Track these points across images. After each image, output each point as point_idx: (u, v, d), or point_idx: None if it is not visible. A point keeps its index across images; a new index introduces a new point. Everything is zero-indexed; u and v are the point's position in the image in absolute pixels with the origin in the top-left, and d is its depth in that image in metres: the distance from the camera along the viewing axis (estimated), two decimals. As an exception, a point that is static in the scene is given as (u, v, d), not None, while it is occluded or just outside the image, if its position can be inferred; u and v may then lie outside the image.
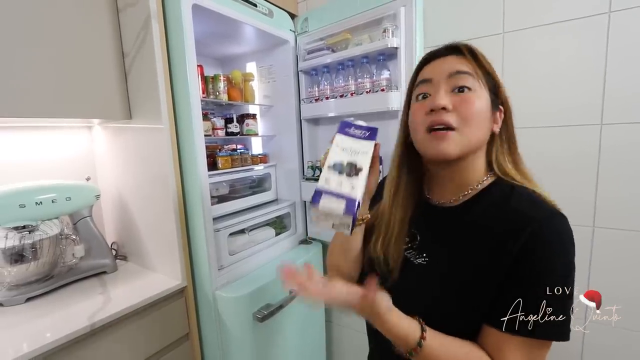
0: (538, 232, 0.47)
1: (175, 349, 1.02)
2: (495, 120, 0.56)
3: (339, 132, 0.54)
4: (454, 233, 0.55)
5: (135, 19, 0.95)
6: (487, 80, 0.55)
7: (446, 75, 0.54)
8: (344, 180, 0.48)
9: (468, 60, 0.54)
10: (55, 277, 1.00)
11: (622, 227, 0.91)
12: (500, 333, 0.48)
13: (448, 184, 0.59)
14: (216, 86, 1.24)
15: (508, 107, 0.57)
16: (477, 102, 0.52)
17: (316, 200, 0.47)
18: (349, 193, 0.47)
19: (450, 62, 0.55)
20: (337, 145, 0.52)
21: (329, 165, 0.49)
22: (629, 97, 0.87)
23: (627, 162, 0.89)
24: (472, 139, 0.53)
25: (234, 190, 1.32)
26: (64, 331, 0.77)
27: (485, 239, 0.50)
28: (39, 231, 0.96)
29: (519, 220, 0.48)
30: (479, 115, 0.53)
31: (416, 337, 0.48)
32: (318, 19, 1.27)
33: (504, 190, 0.53)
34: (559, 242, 0.47)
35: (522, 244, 0.47)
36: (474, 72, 0.53)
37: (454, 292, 0.52)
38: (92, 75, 0.96)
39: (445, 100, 0.52)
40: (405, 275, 0.58)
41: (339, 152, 0.51)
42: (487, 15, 1.02)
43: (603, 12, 0.87)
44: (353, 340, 1.50)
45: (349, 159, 0.50)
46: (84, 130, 1.22)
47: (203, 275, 1.04)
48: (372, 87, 1.14)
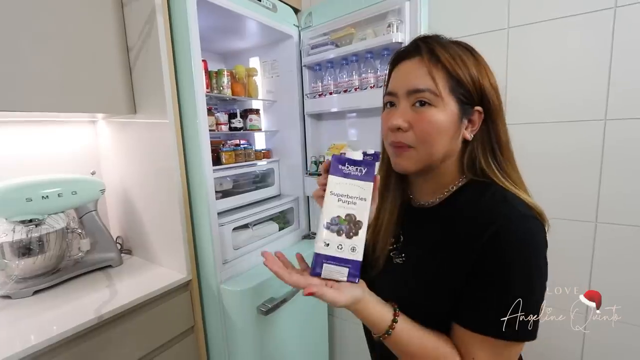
0: (505, 229, 0.46)
1: (180, 341, 1.03)
2: (469, 126, 0.53)
3: (331, 173, 0.48)
4: (427, 232, 0.56)
5: (140, 13, 0.95)
6: (454, 87, 0.50)
7: (405, 92, 0.52)
8: (344, 242, 0.47)
9: (429, 67, 0.50)
10: (62, 271, 1.01)
11: (625, 223, 0.91)
12: (466, 331, 0.48)
13: (424, 187, 0.59)
14: (220, 81, 1.24)
15: (492, 108, 0.52)
16: (435, 118, 0.50)
17: (317, 271, 0.47)
18: (350, 257, 0.46)
19: (411, 72, 0.52)
20: (332, 192, 0.48)
21: (326, 223, 0.47)
22: (634, 92, 0.87)
23: (631, 158, 0.89)
24: (431, 156, 0.52)
25: (237, 185, 1.33)
26: (72, 324, 0.78)
27: (455, 237, 0.51)
28: (46, 225, 0.96)
29: (487, 218, 0.48)
30: (437, 132, 0.51)
31: (387, 322, 0.50)
32: (322, 13, 1.26)
33: (478, 190, 0.52)
34: (525, 242, 0.46)
35: (486, 241, 0.46)
36: (433, 85, 0.49)
37: (422, 286, 0.53)
38: (97, 70, 0.96)
39: (399, 120, 0.52)
40: (386, 274, 0.60)
41: (335, 205, 0.47)
42: (492, 11, 1.02)
43: (609, 7, 0.87)
44: (355, 333, 1.51)
45: (346, 212, 0.47)
46: (88, 124, 1.22)
47: (208, 269, 1.05)
48: (376, 82, 1.14)
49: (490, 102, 0.52)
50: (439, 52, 0.51)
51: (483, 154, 0.54)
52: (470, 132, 0.53)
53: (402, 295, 0.54)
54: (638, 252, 0.91)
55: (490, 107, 0.53)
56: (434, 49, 0.52)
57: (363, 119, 1.30)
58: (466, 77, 0.51)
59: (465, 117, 0.52)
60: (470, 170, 0.55)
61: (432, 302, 0.52)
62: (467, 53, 0.53)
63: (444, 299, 0.51)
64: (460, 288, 0.49)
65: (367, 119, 1.28)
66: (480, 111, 0.53)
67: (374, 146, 1.30)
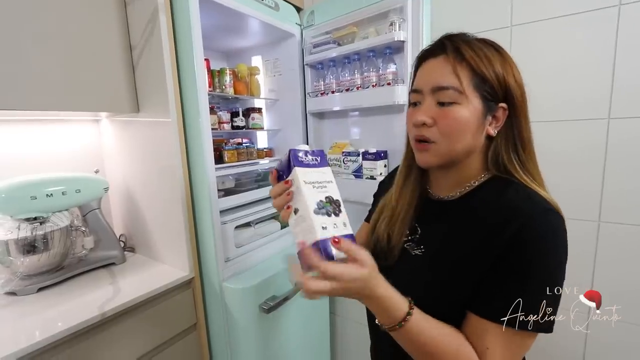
0: (529, 225, 0.47)
1: (183, 338, 1.04)
2: (494, 122, 0.54)
3: (296, 165, 0.52)
4: (448, 225, 0.57)
5: (143, 12, 0.95)
6: (478, 84, 0.52)
7: (430, 89, 0.54)
8: (336, 221, 0.50)
9: (453, 65, 0.52)
10: (66, 268, 1.02)
11: (627, 222, 0.91)
12: (482, 320, 0.48)
13: (445, 181, 0.60)
14: (222, 80, 1.25)
15: (516, 105, 0.53)
16: (459, 115, 0.51)
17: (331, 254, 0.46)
18: (346, 232, 0.49)
19: (436, 70, 0.53)
20: (305, 182, 0.51)
21: (314, 210, 0.49)
22: (638, 91, 0.86)
23: (634, 157, 0.88)
24: (454, 150, 0.54)
25: (239, 183, 1.33)
26: (76, 320, 0.78)
27: (477, 230, 0.51)
28: (50, 223, 0.97)
29: (512, 213, 0.48)
30: (460, 128, 0.52)
31: (403, 312, 0.48)
32: (324, 12, 1.26)
33: (500, 185, 0.53)
34: (550, 238, 0.47)
35: (512, 235, 0.47)
36: (458, 83, 0.51)
37: (442, 277, 0.53)
38: (100, 69, 0.97)
39: (424, 116, 0.54)
40: (402, 265, 0.60)
41: (312, 191, 0.51)
42: (495, 9, 1.01)
43: (614, 4, 0.86)
44: (356, 332, 1.52)
45: (324, 194, 0.51)
46: (91, 123, 1.23)
47: (210, 267, 1.06)
48: (379, 80, 1.14)
49: (514, 99, 0.53)
50: (464, 49, 0.52)
51: (506, 149, 0.54)
52: (494, 128, 0.54)
53: (419, 287, 0.55)
54: None
55: (514, 104, 0.53)
56: (459, 47, 0.52)
57: (365, 118, 1.30)
58: (490, 74, 0.52)
59: (489, 114, 0.53)
60: (494, 166, 0.55)
61: (449, 294, 0.52)
62: (492, 50, 0.54)
63: (461, 291, 0.51)
64: (479, 280, 0.49)
65: (369, 117, 1.28)
66: (504, 108, 0.53)
67: (376, 144, 1.30)
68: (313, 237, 0.47)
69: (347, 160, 1.26)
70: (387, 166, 1.21)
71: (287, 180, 0.53)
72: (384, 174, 1.18)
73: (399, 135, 1.12)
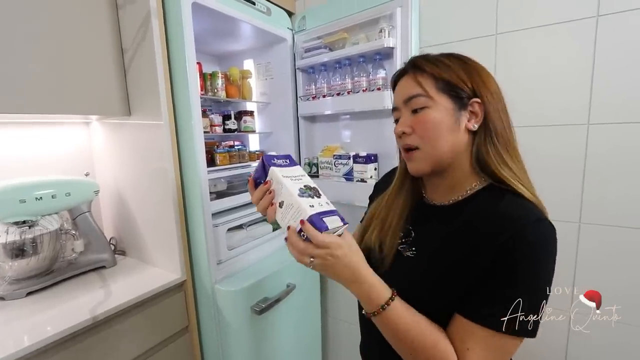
0: (521, 233, 0.48)
1: (174, 341, 1.04)
2: (472, 118, 0.57)
3: (272, 166, 0.60)
4: (441, 230, 0.58)
5: (135, 16, 0.95)
6: (443, 87, 0.56)
7: (402, 102, 0.60)
8: (320, 201, 0.56)
9: (415, 77, 0.58)
10: (55, 272, 1.01)
11: (607, 223, 0.95)
12: (467, 321, 0.50)
13: (439, 188, 0.63)
14: (214, 83, 1.25)
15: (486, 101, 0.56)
16: (430, 116, 0.56)
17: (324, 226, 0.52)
18: (331, 207, 0.56)
19: (404, 86, 0.60)
20: (283, 176, 0.58)
21: (297, 194, 0.55)
22: (615, 98, 0.90)
23: (613, 160, 0.92)
24: (436, 151, 0.57)
25: (231, 186, 1.34)
26: (66, 324, 0.78)
27: (470, 237, 0.53)
28: (39, 226, 0.97)
29: (504, 222, 0.50)
30: (434, 128, 0.56)
31: (383, 300, 0.52)
32: (315, 17, 1.28)
33: (495, 194, 0.54)
34: (541, 246, 0.49)
35: (503, 243, 0.48)
36: (422, 90, 0.57)
37: (433, 279, 0.55)
38: (91, 71, 0.97)
39: (402, 126, 0.60)
40: (395, 267, 0.62)
41: (292, 182, 0.57)
42: (481, 17, 1.05)
43: (591, 15, 0.91)
44: (347, 331, 1.53)
45: (302, 184, 0.58)
46: (81, 125, 1.23)
47: (202, 270, 1.06)
48: (369, 85, 1.16)
49: (483, 96, 0.57)
50: (423, 64, 0.59)
51: (480, 142, 0.57)
52: (474, 123, 0.57)
53: (411, 287, 0.57)
54: (620, 251, 0.94)
55: (485, 101, 0.57)
56: (419, 64, 0.60)
57: (356, 122, 1.32)
58: (452, 76, 0.57)
59: (463, 109, 0.57)
60: (477, 163, 0.57)
61: (439, 294, 0.54)
62: (451, 59, 0.59)
63: (451, 292, 0.53)
64: (469, 284, 0.51)
65: (360, 121, 1.30)
66: (479, 102, 0.56)
67: (366, 148, 1.32)
68: (305, 216, 0.52)
69: (338, 164, 1.28)
70: (378, 169, 1.23)
71: (266, 181, 0.60)
72: (374, 177, 1.20)
73: (389, 139, 1.14)
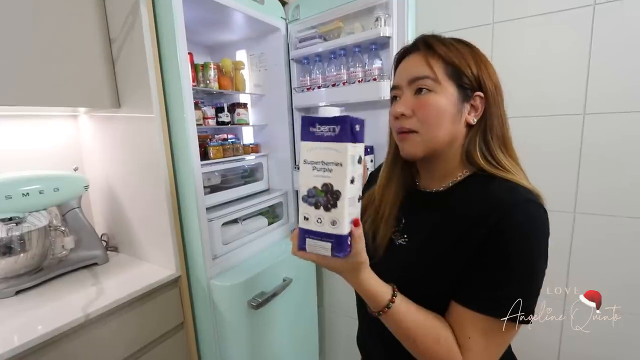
0: (509, 215, 0.48)
1: (170, 337, 1.03)
2: (472, 111, 0.56)
3: (302, 139, 0.43)
4: (432, 216, 0.58)
5: (123, 4, 0.92)
6: (452, 73, 0.54)
7: (407, 82, 0.56)
8: (323, 216, 0.42)
9: (426, 57, 0.55)
10: (45, 270, 0.98)
11: (601, 213, 0.96)
12: (465, 309, 0.50)
13: (431, 174, 0.61)
14: (206, 74, 1.22)
15: (489, 97, 0.55)
16: (435, 101, 0.54)
17: (302, 246, 0.44)
18: (331, 231, 0.42)
19: (411, 65, 0.57)
20: (305, 160, 0.43)
21: (303, 196, 0.43)
22: (611, 87, 0.90)
23: (608, 150, 0.93)
24: (435, 138, 0.55)
25: (225, 180, 1.32)
26: (57, 323, 0.76)
27: (460, 221, 0.52)
28: (27, 223, 0.94)
29: (493, 204, 0.50)
30: (437, 115, 0.54)
31: (387, 298, 0.51)
32: (309, 6, 1.25)
33: (484, 179, 0.54)
34: (530, 227, 0.48)
35: (492, 225, 0.48)
36: (431, 72, 0.54)
37: (426, 266, 0.55)
38: (78, 62, 0.93)
39: (402, 107, 0.56)
40: (388, 254, 0.62)
41: (310, 174, 0.43)
42: (478, 6, 1.03)
43: (588, 4, 0.90)
44: (343, 323, 1.54)
45: (322, 181, 0.42)
46: (69, 119, 1.19)
47: (197, 265, 1.04)
48: (364, 76, 1.15)
49: (487, 91, 0.55)
50: (436, 45, 0.55)
51: (473, 136, 0.56)
52: (473, 117, 0.56)
53: (404, 275, 0.56)
54: (614, 241, 0.95)
55: (487, 96, 0.55)
56: (432, 43, 0.56)
57: (352, 113, 1.30)
58: (462, 64, 0.54)
59: (465, 102, 0.55)
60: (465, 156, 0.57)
61: (433, 282, 0.54)
62: (462, 45, 0.57)
63: (444, 279, 0.52)
64: (462, 270, 0.50)
65: (356, 112, 1.28)
66: (481, 97, 0.55)
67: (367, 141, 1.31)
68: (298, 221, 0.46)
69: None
70: (374, 161, 1.22)
71: None
72: (370, 168, 1.19)
73: (385, 130, 1.13)
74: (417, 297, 0.53)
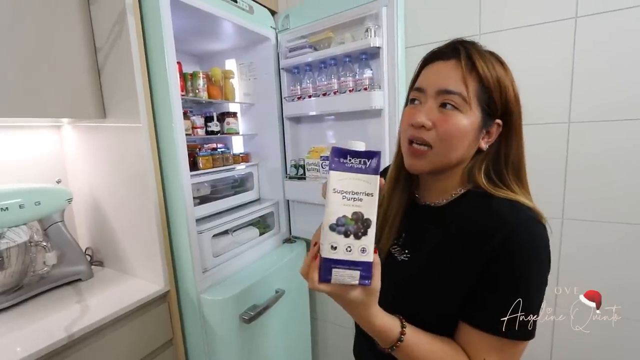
0: (513, 234, 0.48)
1: (159, 355, 0.99)
2: (487, 137, 0.54)
3: (333, 169, 0.44)
4: (434, 232, 0.57)
5: (109, 13, 0.90)
6: (481, 96, 0.51)
7: (435, 91, 0.52)
8: (353, 244, 0.43)
9: (464, 71, 0.51)
10: (25, 288, 0.93)
11: (588, 219, 0.98)
12: (476, 331, 0.49)
13: (434, 187, 0.60)
14: (195, 84, 1.21)
15: (512, 123, 0.54)
16: (459, 122, 0.51)
17: (327, 278, 0.43)
18: (361, 259, 0.43)
19: (446, 74, 0.52)
20: (335, 189, 0.43)
21: (332, 224, 0.42)
22: (595, 96, 0.93)
23: (593, 157, 0.95)
24: (447, 159, 0.53)
25: (215, 190, 1.30)
26: (39, 345, 0.72)
27: (463, 239, 0.52)
28: (6, 239, 0.89)
29: (496, 222, 0.49)
30: (459, 137, 0.52)
31: (397, 332, 0.48)
32: (299, 16, 1.26)
33: (484, 195, 0.53)
34: (533, 246, 0.48)
35: (497, 245, 0.48)
36: (464, 91, 0.50)
37: (431, 285, 0.54)
38: (61, 71, 0.90)
39: (424, 118, 0.52)
40: (388, 270, 0.59)
41: (339, 203, 0.43)
42: (465, 17, 1.06)
43: (570, 17, 0.93)
44: (337, 333, 1.52)
45: (353, 210, 0.43)
46: (52, 129, 1.15)
47: (187, 279, 1.01)
48: (355, 86, 1.15)
49: (511, 116, 0.54)
50: (476, 58, 0.52)
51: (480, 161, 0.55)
52: (485, 142, 0.54)
53: (407, 294, 0.55)
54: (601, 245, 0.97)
55: (510, 122, 0.54)
56: (472, 55, 0.52)
57: (342, 122, 1.30)
58: (495, 88, 0.52)
59: (485, 128, 0.54)
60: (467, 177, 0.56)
61: (439, 301, 0.53)
62: (498, 64, 0.54)
63: (450, 298, 0.51)
64: (468, 289, 0.50)
65: (347, 122, 1.28)
66: (499, 124, 0.54)
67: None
68: (322, 252, 0.44)
69: (325, 165, 1.26)
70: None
71: None
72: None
73: (376, 139, 1.13)
74: (420, 316, 0.52)
